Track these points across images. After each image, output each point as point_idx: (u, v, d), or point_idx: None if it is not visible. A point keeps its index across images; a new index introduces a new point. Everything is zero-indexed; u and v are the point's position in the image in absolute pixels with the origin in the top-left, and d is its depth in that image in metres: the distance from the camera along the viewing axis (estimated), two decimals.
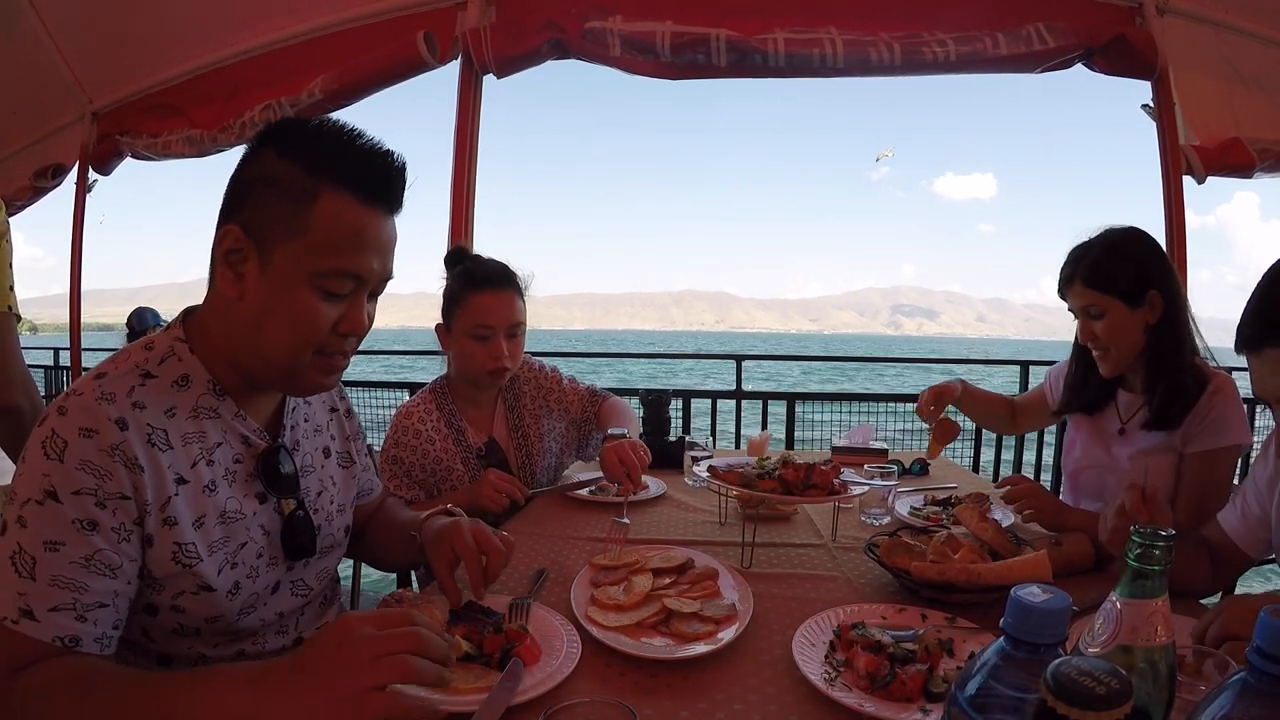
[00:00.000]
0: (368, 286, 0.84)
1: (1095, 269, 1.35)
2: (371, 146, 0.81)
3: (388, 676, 0.61)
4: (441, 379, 1.71)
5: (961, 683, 0.50)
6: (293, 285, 0.79)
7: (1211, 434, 1.30)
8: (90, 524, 0.72)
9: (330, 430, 1.06)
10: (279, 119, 0.83)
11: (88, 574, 0.72)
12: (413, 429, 1.60)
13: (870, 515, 1.50)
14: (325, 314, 0.81)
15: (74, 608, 0.71)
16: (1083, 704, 0.38)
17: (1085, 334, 1.39)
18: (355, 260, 0.80)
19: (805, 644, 0.90)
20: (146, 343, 0.85)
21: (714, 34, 2.43)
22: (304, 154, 0.78)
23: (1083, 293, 1.36)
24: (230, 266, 0.80)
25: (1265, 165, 2.48)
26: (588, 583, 1.08)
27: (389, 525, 1.16)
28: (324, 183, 0.78)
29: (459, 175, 2.73)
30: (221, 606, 0.83)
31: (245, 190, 0.80)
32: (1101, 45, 2.38)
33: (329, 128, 0.81)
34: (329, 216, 0.78)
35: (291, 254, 0.78)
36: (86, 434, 0.73)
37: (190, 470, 0.81)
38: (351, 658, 0.62)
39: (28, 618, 0.69)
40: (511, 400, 1.72)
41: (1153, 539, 0.55)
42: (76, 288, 3.76)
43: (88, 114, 3.41)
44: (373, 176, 0.81)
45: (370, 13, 2.84)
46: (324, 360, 0.84)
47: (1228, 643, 0.81)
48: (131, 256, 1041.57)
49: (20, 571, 0.70)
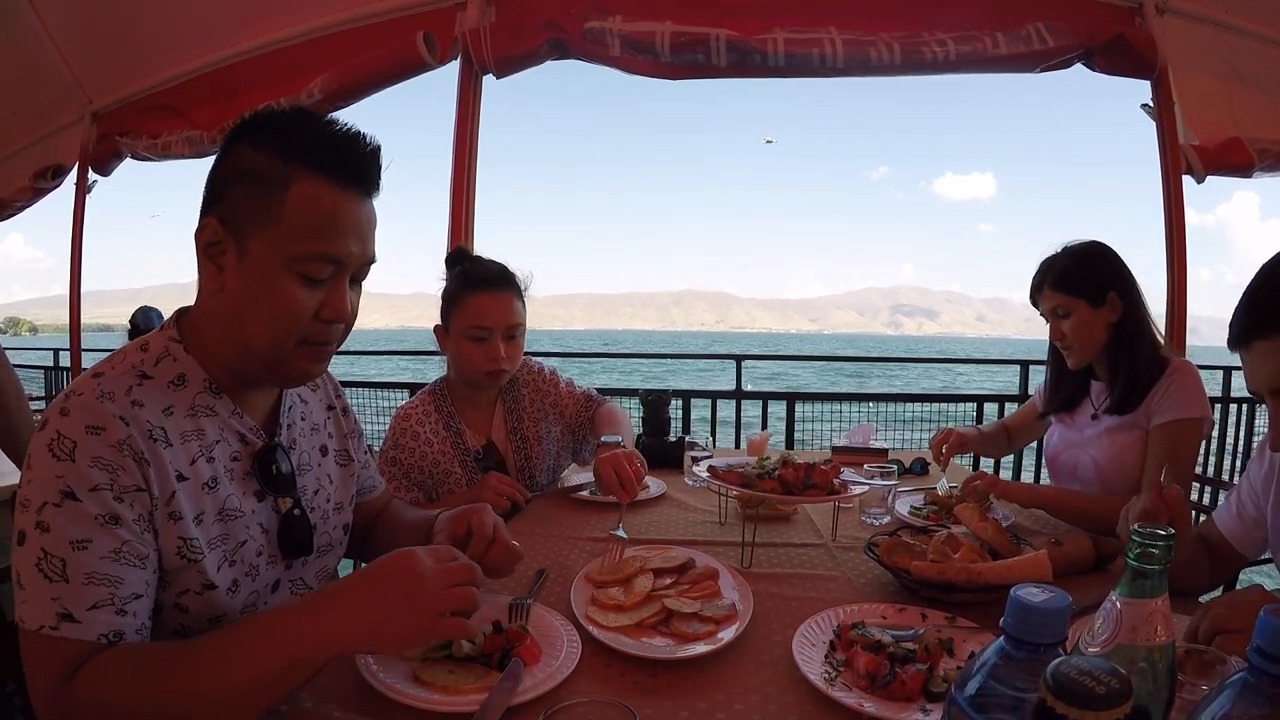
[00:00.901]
0: (348, 271, 0.83)
1: (1062, 275, 1.53)
2: (342, 131, 0.82)
3: (457, 604, 0.74)
4: (440, 381, 1.71)
5: (961, 682, 0.50)
6: (270, 273, 0.79)
7: (1172, 407, 1.43)
8: (113, 518, 0.72)
9: (328, 428, 1.05)
10: (251, 112, 0.84)
11: (120, 567, 0.72)
12: (410, 430, 1.60)
13: (870, 515, 1.50)
14: (305, 301, 0.81)
15: (112, 602, 0.71)
16: (1083, 703, 0.38)
17: (1055, 333, 1.57)
18: (332, 244, 0.80)
19: (805, 644, 0.89)
20: (142, 343, 0.85)
21: (714, 34, 2.43)
22: (276, 142, 0.79)
23: (1051, 295, 1.54)
24: (210, 260, 0.81)
25: (1265, 165, 2.48)
26: (588, 583, 1.08)
27: (395, 525, 1.16)
28: (296, 168, 0.78)
29: (459, 175, 2.73)
30: (223, 605, 0.83)
31: (221, 184, 0.81)
32: (1101, 45, 2.38)
33: (299, 116, 0.82)
34: (302, 202, 0.78)
35: (267, 242, 0.78)
36: (94, 431, 0.73)
37: (190, 467, 0.81)
38: (427, 585, 0.73)
39: (68, 621, 0.69)
40: (511, 403, 1.71)
41: (1153, 539, 0.55)
42: (76, 288, 3.76)
43: (87, 114, 3.41)
44: (345, 159, 0.81)
45: (370, 13, 2.84)
46: (309, 349, 0.84)
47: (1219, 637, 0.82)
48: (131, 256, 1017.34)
49: (50, 576, 0.69)
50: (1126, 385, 1.49)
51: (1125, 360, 1.49)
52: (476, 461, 1.64)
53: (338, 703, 0.78)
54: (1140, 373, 1.48)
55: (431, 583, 0.73)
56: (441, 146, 2.91)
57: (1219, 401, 3.75)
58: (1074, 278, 1.51)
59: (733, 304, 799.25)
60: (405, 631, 0.73)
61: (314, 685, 0.80)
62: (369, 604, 0.73)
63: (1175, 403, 1.43)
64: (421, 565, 0.74)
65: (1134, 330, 1.50)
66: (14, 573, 0.71)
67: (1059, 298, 1.52)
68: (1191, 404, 1.42)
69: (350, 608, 0.72)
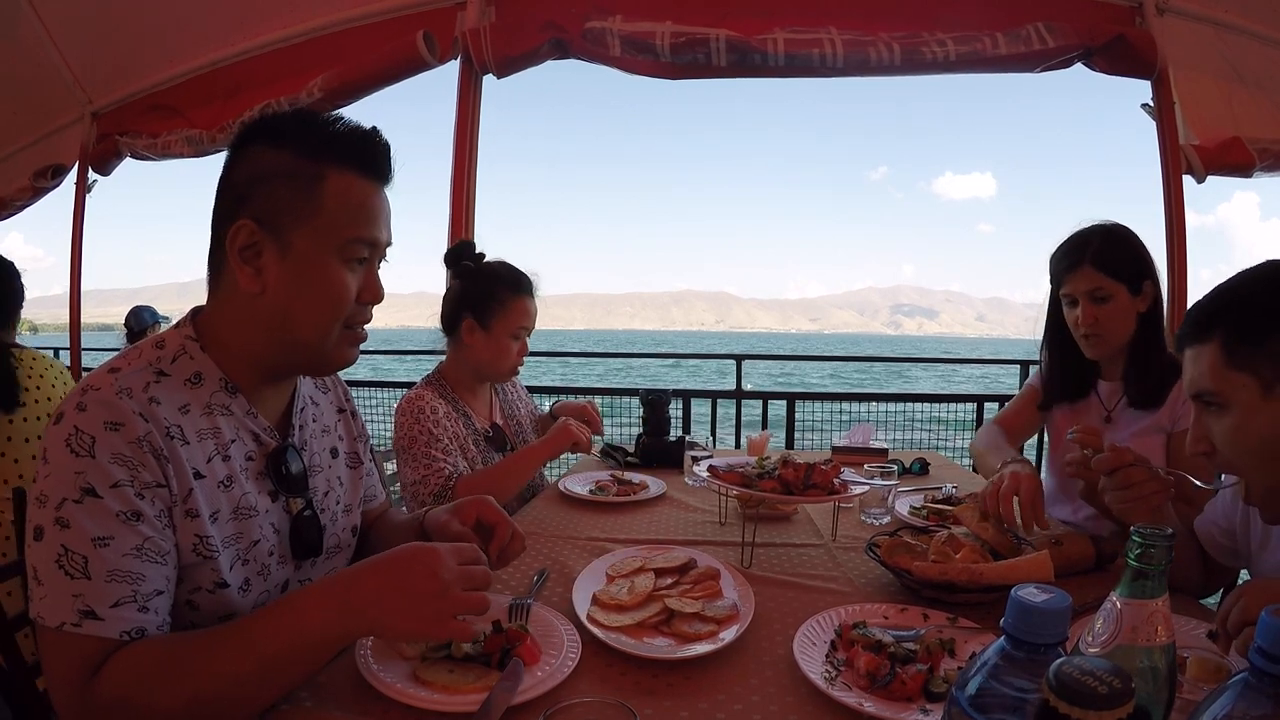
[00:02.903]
0: (379, 254, 0.89)
1: (1103, 254, 1.40)
2: (359, 127, 0.87)
3: (471, 608, 0.75)
4: (436, 374, 1.76)
5: (962, 682, 0.50)
6: (321, 261, 0.83)
7: None
8: (134, 514, 0.72)
9: (338, 430, 1.06)
10: (257, 116, 0.88)
11: (142, 563, 0.72)
12: (429, 408, 1.64)
13: (870, 515, 1.50)
14: (351, 284, 0.86)
15: (135, 599, 0.71)
16: (1085, 703, 0.38)
17: (1086, 317, 1.43)
18: (368, 228, 0.85)
19: (806, 643, 0.89)
20: (157, 340, 0.85)
21: (714, 34, 2.43)
22: (300, 141, 0.82)
23: (1093, 275, 1.40)
24: (247, 262, 0.82)
25: (1265, 165, 2.48)
26: (591, 581, 1.07)
27: (388, 528, 1.16)
28: (327, 163, 0.82)
29: (459, 175, 2.73)
30: (234, 603, 0.83)
31: (246, 186, 0.82)
32: (1101, 45, 2.38)
33: (309, 115, 0.86)
34: (339, 192, 0.83)
35: (311, 234, 0.82)
36: (112, 427, 0.73)
37: (206, 465, 0.81)
38: (448, 586, 0.74)
39: (90, 618, 0.69)
40: (502, 392, 1.93)
41: (1153, 539, 0.55)
42: (76, 288, 3.76)
43: (87, 114, 3.41)
44: (367, 152, 0.86)
45: (370, 13, 2.84)
46: (350, 333, 0.89)
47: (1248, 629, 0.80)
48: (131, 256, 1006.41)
49: (71, 573, 0.69)
50: (1152, 378, 1.40)
51: (1150, 353, 1.41)
52: (488, 440, 1.75)
53: (338, 703, 0.78)
54: (1166, 366, 1.39)
55: (452, 584, 0.74)
56: (441, 146, 2.91)
57: None
58: (1118, 259, 1.39)
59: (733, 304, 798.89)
60: (416, 628, 0.74)
61: (314, 685, 0.81)
62: (389, 591, 0.73)
63: None
64: (444, 564, 0.75)
65: (1159, 324, 1.43)
66: (29, 568, 0.71)
67: (1100, 279, 1.39)
68: None
69: (377, 591, 0.73)
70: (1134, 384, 1.43)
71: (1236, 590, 0.85)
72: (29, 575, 0.71)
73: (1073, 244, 1.45)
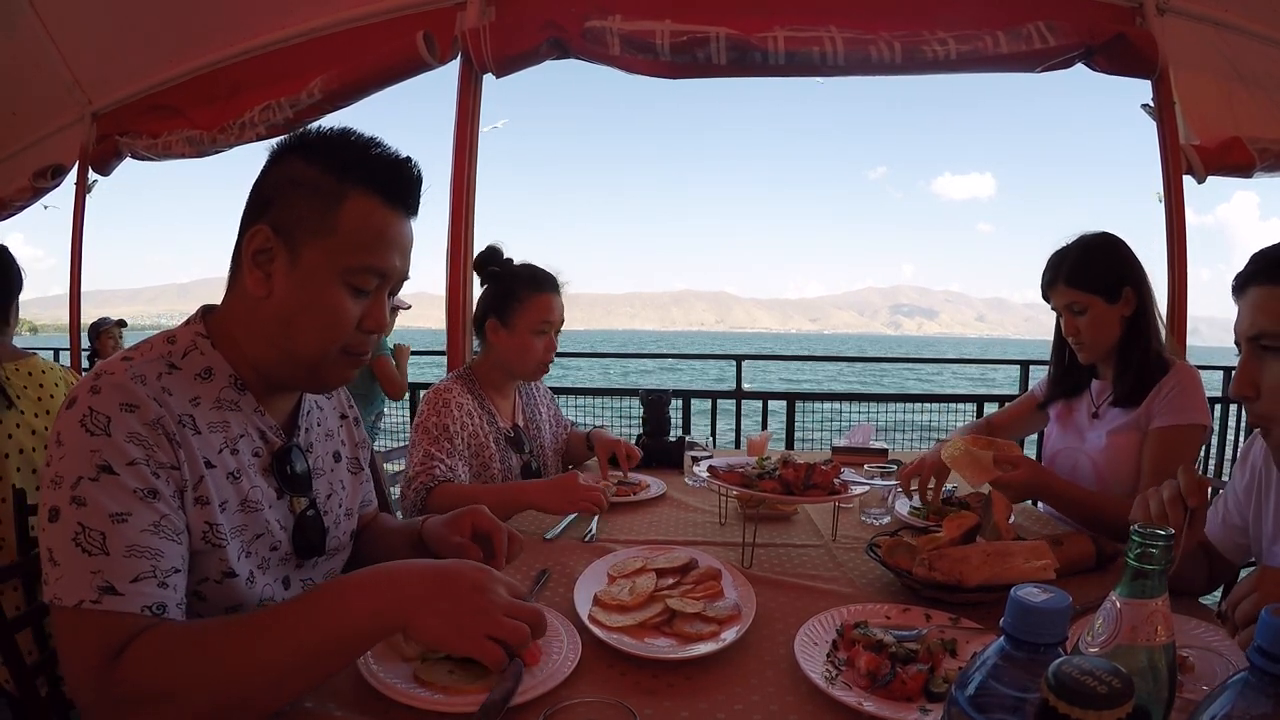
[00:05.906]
0: (389, 285, 0.88)
1: (1075, 270, 1.49)
2: (393, 153, 0.86)
3: (508, 637, 0.72)
4: (466, 370, 1.79)
5: (962, 682, 0.50)
6: (323, 281, 0.82)
7: (1173, 412, 1.41)
8: (151, 492, 0.72)
9: (341, 436, 1.07)
10: (302, 128, 0.88)
11: (160, 540, 0.72)
12: (454, 402, 1.65)
13: (870, 515, 1.50)
14: (351, 311, 0.84)
15: (154, 575, 0.70)
16: (1085, 703, 0.38)
17: (1069, 328, 1.53)
18: (380, 258, 0.84)
19: (808, 643, 0.90)
20: (168, 335, 0.86)
21: (714, 33, 2.43)
22: (330, 158, 0.83)
23: (1065, 292, 1.50)
24: (259, 266, 0.83)
25: (1265, 165, 2.48)
26: (593, 582, 1.07)
27: (381, 532, 1.16)
28: (351, 184, 0.82)
29: (459, 175, 2.72)
30: (241, 594, 0.83)
31: (272, 193, 0.83)
32: (1102, 44, 2.38)
33: (352, 136, 0.86)
34: (356, 216, 0.82)
35: (321, 251, 0.82)
36: (128, 408, 0.73)
37: (216, 455, 0.82)
38: (489, 606, 0.73)
39: (109, 594, 0.68)
40: (525, 394, 1.93)
41: (1153, 539, 0.55)
42: (76, 288, 3.75)
43: (87, 114, 3.40)
44: (395, 180, 0.85)
45: (370, 13, 2.84)
46: (347, 358, 0.88)
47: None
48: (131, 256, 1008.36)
49: (89, 550, 0.68)
50: (1134, 376, 1.46)
51: (1134, 356, 1.47)
52: (509, 441, 1.76)
53: (338, 703, 0.78)
54: (1148, 366, 1.45)
55: (500, 608, 0.73)
56: (441, 146, 2.91)
57: (1219, 402, 3.75)
58: (1089, 274, 1.47)
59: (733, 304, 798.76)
60: (452, 636, 0.72)
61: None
62: (440, 594, 0.72)
63: (1176, 407, 1.41)
64: (492, 586, 0.75)
65: (1146, 326, 1.48)
66: (44, 550, 0.70)
67: (1073, 294, 1.48)
68: (1191, 410, 1.40)
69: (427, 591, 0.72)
70: (1120, 384, 1.49)
71: (1252, 578, 0.82)
72: (43, 559, 0.70)
73: (1050, 262, 1.54)
